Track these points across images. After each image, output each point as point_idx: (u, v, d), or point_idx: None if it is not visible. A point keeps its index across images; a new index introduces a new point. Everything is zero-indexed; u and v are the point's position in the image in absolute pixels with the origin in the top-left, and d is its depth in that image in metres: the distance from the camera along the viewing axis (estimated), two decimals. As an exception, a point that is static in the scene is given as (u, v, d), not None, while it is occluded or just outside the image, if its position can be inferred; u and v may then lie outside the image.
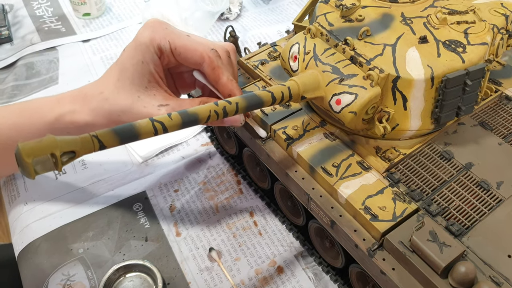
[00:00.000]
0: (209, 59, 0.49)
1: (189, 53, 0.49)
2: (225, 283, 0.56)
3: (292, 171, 0.50)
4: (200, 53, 0.49)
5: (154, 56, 0.49)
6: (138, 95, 0.48)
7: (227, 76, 0.49)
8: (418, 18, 0.50)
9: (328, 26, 0.49)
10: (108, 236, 0.60)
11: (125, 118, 0.49)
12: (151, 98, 0.48)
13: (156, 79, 0.49)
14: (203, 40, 0.51)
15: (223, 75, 0.49)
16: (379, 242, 0.43)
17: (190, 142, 0.72)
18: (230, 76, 0.49)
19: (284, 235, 0.60)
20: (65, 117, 0.50)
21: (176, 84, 0.57)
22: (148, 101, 0.48)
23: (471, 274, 0.38)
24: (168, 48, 0.49)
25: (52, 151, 0.33)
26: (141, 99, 0.48)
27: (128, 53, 0.49)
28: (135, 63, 0.48)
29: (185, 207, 0.64)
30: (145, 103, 0.48)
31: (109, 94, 0.49)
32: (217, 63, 0.49)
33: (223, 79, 0.49)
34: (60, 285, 0.56)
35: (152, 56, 0.49)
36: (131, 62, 0.48)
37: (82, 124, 0.50)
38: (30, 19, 0.96)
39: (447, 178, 0.47)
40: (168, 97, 0.49)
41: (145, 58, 0.48)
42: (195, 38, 0.50)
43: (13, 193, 0.66)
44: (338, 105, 0.46)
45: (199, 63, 0.50)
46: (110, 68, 0.51)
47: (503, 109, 0.54)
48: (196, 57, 0.49)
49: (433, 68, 0.45)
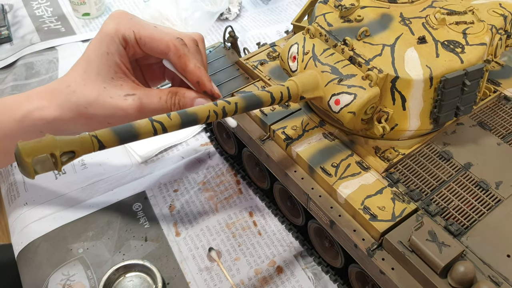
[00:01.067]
0: (175, 47, 0.49)
1: (155, 42, 0.49)
2: (225, 283, 0.56)
3: (291, 171, 0.50)
4: (165, 42, 0.49)
5: (119, 47, 0.49)
6: (104, 85, 0.48)
7: (194, 63, 0.49)
8: (417, 19, 0.50)
9: (327, 27, 0.49)
10: (108, 236, 0.60)
11: (92, 110, 0.48)
12: (117, 88, 0.48)
13: (123, 69, 0.49)
14: (170, 30, 0.51)
15: (190, 62, 0.49)
16: (378, 242, 0.43)
17: (190, 142, 0.72)
18: (198, 63, 0.49)
19: (283, 235, 0.60)
20: (33, 113, 0.50)
21: (145, 77, 0.57)
22: (114, 91, 0.48)
23: (470, 273, 0.38)
24: (133, 38, 0.49)
25: (52, 151, 0.33)
26: (107, 89, 0.48)
27: (94, 45, 0.49)
28: (100, 55, 0.48)
29: (185, 207, 0.64)
30: (111, 94, 0.48)
31: (76, 86, 0.49)
32: (183, 51, 0.49)
33: (190, 66, 0.49)
34: (60, 285, 0.56)
35: (118, 47, 0.49)
36: (96, 54, 0.48)
37: (50, 119, 0.50)
38: (30, 19, 0.96)
39: (446, 178, 0.47)
40: (135, 87, 0.49)
41: (110, 49, 0.48)
42: (162, 29, 0.50)
43: (13, 193, 0.66)
44: (337, 105, 0.46)
45: (165, 52, 0.49)
46: (77, 61, 0.51)
47: (502, 109, 0.54)
48: (162, 46, 0.49)
49: (431, 68, 0.45)
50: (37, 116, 0.50)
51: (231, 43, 0.64)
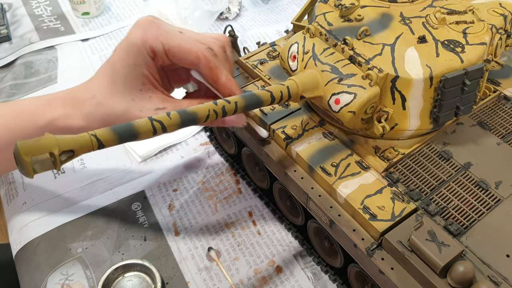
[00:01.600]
0: (205, 59, 0.47)
1: (184, 54, 0.47)
2: (224, 282, 0.56)
3: (291, 170, 0.50)
4: (195, 53, 0.47)
5: (147, 58, 0.47)
6: (132, 98, 0.47)
7: (225, 75, 0.48)
8: (417, 18, 0.50)
9: (327, 26, 0.49)
10: (107, 236, 0.60)
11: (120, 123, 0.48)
12: (146, 101, 0.47)
13: (151, 81, 0.48)
14: (197, 36, 0.49)
15: (222, 75, 0.47)
16: (378, 242, 0.43)
17: (189, 141, 0.72)
18: (229, 75, 0.48)
19: (283, 234, 0.60)
20: (58, 121, 0.49)
21: (170, 79, 0.55)
22: (143, 104, 0.47)
23: (470, 273, 0.38)
24: (161, 50, 0.47)
25: (51, 150, 0.33)
26: (136, 102, 0.47)
27: (119, 55, 0.47)
28: (127, 65, 0.47)
29: (184, 206, 0.64)
30: (140, 107, 0.47)
31: (102, 98, 0.47)
32: (213, 63, 0.47)
33: (222, 79, 0.47)
34: (59, 284, 0.56)
35: (145, 58, 0.47)
36: (123, 64, 0.47)
37: (75, 129, 0.49)
38: (29, 18, 0.96)
39: (446, 178, 0.47)
40: (165, 99, 0.48)
41: (138, 60, 0.47)
42: (189, 35, 0.49)
43: (11, 192, 0.66)
44: (337, 104, 0.46)
45: (195, 63, 0.48)
46: (101, 69, 0.49)
47: (502, 109, 0.54)
48: (192, 57, 0.47)
49: (432, 68, 0.45)
50: (62, 125, 0.49)
51: (231, 42, 0.64)
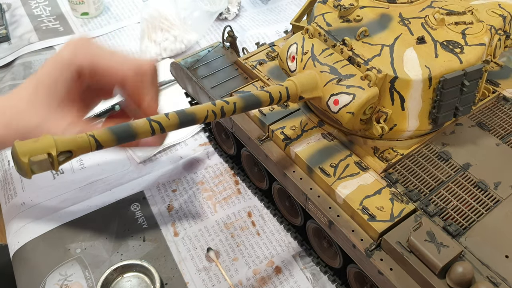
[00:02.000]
0: (132, 82, 0.48)
1: (111, 76, 0.48)
2: (223, 283, 0.56)
3: (290, 171, 0.50)
4: (121, 75, 0.48)
5: (73, 76, 0.48)
6: (49, 113, 0.47)
7: (147, 100, 0.49)
8: (416, 19, 0.50)
9: (326, 26, 0.49)
10: (106, 236, 0.60)
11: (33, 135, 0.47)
12: (60, 117, 0.47)
13: (71, 98, 0.48)
14: (128, 58, 0.50)
15: (145, 99, 0.49)
16: (376, 242, 0.43)
17: (188, 142, 0.72)
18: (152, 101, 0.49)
19: (282, 235, 0.60)
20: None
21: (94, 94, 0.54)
22: (56, 121, 0.47)
23: (469, 274, 0.38)
24: (88, 71, 0.48)
25: (49, 150, 0.33)
26: (50, 117, 0.47)
27: (46, 69, 0.48)
28: (51, 81, 0.47)
29: (183, 207, 0.64)
30: (53, 123, 0.47)
31: (21, 109, 0.48)
32: (138, 87, 0.48)
33: (144, 103, 0.49)
34: (58, 285, 0.55)
35: (70, 76, 0.48)
36: (48, 79, 0.48)
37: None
38: (28, 18, 0.96)
39: (445, 179, 0.47)
40: (77, 122, 0.48)
41: (62, 77, 0.47)
42: (119, 57, 0.49)
43: (10, 193, 0.66)
44: (336, 105, 0.46)
45: (121, 85, 0.49)
46: (26, 81, 0.50)
47: (501, 110, 0.54)
48: (118, 79, 0.48)
49: (430, 68, 0.45)
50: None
51: (230, 43, 0.64)
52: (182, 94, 0.71)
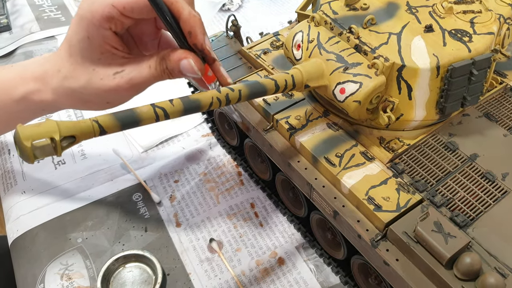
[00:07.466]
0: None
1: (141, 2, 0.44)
2: (226, 273, 0.55)
3: (295, 161, 0.50)
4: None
5: (100, 29, 0.45)
6: (93, 68, 0.46)
7: (188, 10, 0.43)
8: (423, 7, 0.49)
9: (333, 15, 0.48)
10: (107, 226, 0.60)
11: (87, 93, 0.47)
12: (106, 68, 0.46)
13: (108, 48, 0.46)
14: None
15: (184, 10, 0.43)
16: (382, 233, 0.43)
17: (191, 132, 0.71)
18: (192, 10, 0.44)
19: (285, 226, 0.60)
20: (32, 95, 0.49)
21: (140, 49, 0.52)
22: (103, 72, 0.46)
23: (477, 265, 0.37)
24: (116, 13, 0.44)
25: (52, 135, 0.32)
26: (96, 71, 0.46)
27: (73, 29, 0.47)
28: (81, 39, 0.46)
29: (186, 197, 0.63)
30: (101, 75, 0.46)
31: (66, 72, 0.47)
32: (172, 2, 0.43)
33: (184, 13, 0.43)
34: (58, 274, 0.55)
35: (97, 30, 0.45)
36: (77, 38, 0.46)
37: (49, 102, 0.49)
38: (29, 7, 0.95)
39: (452, 169, 0.46)
40: (124, 62, 0.46)
41: (90, 33, 0.45)
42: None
43: (9, 181, 0.65)
44: (342, 94, 0.45)
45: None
46: (62, 44, 0.49)
47: (508, 101, 0.53)
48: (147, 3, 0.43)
49: (438, 57, 0.44)
50: (37, 99, 0.49)
51: (234, 32, 0.64)
52: (185, 84, 0.71)
